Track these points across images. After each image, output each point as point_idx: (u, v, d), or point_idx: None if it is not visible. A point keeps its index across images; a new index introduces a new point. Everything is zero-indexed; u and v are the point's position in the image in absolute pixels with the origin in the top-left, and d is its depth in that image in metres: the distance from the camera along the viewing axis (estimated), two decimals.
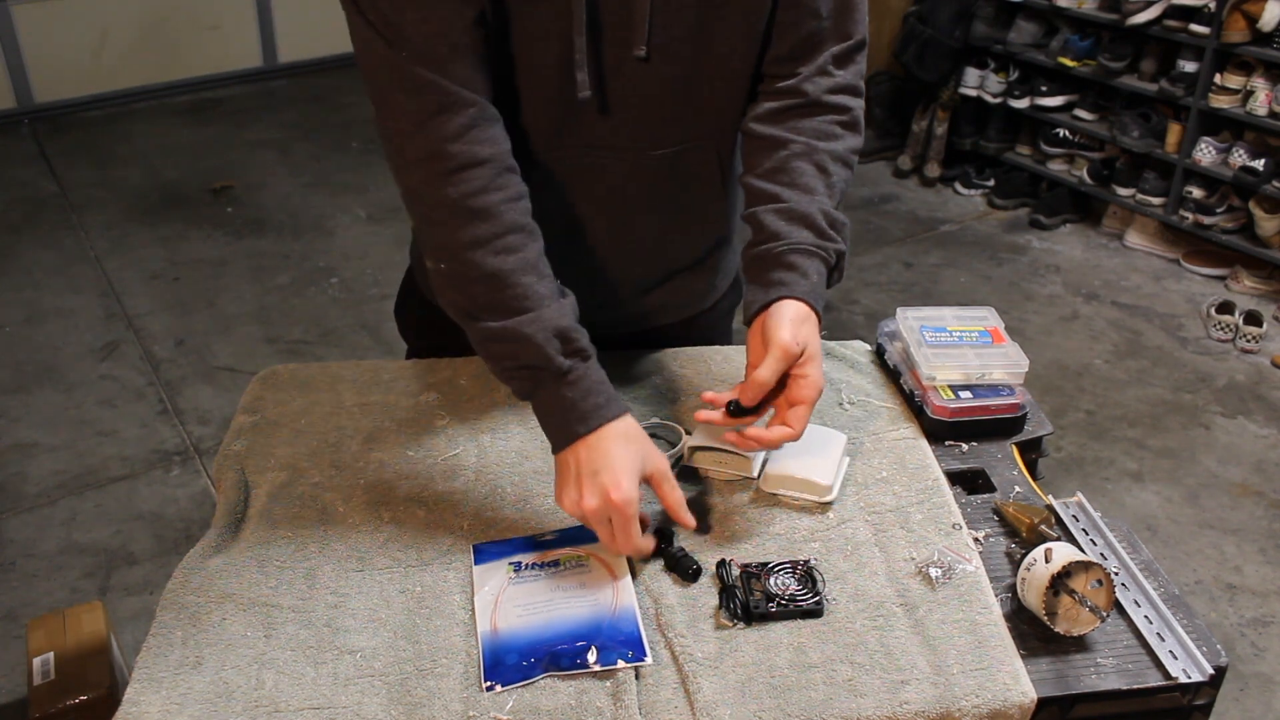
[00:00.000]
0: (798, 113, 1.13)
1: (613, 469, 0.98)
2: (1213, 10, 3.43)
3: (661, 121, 1.13)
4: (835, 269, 1.11)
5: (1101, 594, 0.93)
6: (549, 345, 1.00)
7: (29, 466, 2.75)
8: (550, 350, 1.00)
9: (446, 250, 1.03)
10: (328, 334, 3.35)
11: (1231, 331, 3.35)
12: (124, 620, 2.26)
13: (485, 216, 1.01)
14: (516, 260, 1.01)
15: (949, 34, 4.14)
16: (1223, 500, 2.69)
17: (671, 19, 1.05)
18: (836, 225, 1.11)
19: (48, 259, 3.77)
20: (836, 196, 1.13)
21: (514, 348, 1.01)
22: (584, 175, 1.15)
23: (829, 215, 1.10)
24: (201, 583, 0.99)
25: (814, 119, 1.13)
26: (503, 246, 1.01)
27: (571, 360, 1.01)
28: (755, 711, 0.87)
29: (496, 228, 1.01)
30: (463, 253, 1.01)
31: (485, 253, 1.01)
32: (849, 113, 1.15)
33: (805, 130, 1.13)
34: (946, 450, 1.18)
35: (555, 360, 1.00)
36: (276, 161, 4.54)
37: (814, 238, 1.08)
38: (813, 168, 1.11)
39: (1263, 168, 3.44)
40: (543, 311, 1.01)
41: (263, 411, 1.23)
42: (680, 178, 1.18)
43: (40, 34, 4.79)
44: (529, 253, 1.03)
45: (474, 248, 1.01)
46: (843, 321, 3.42)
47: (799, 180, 1.11)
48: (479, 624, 0.95)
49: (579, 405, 1.00)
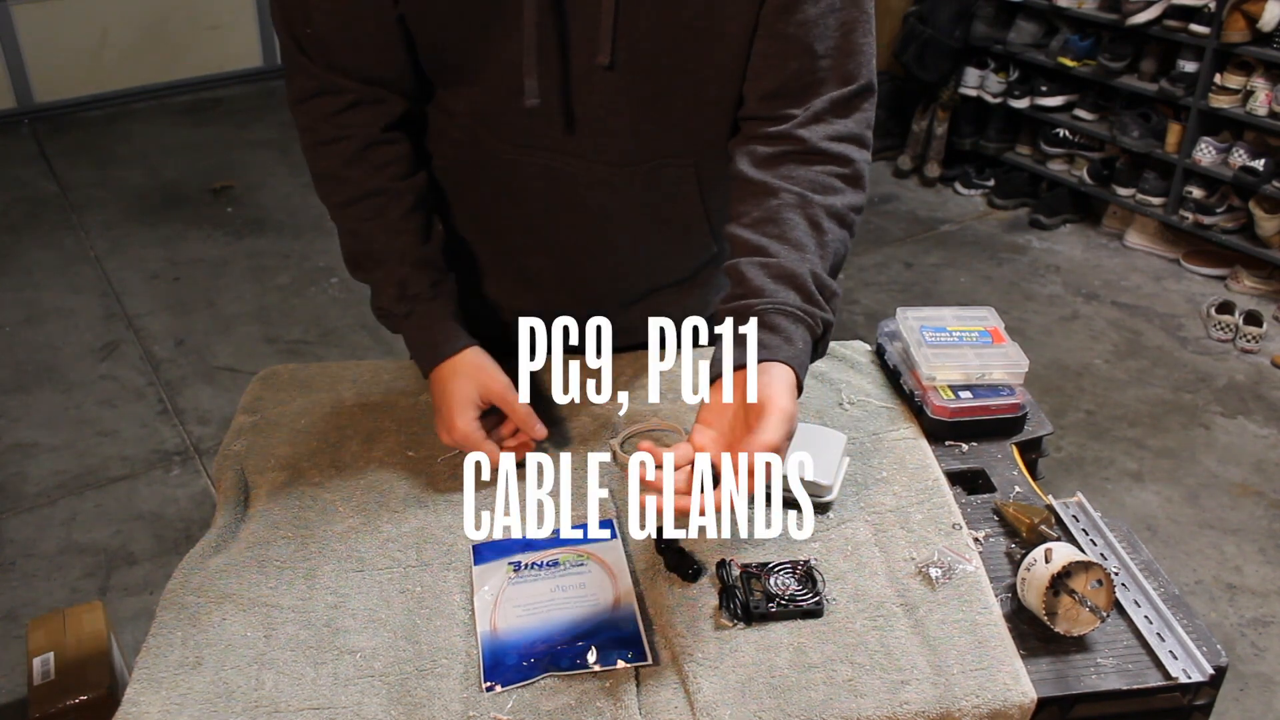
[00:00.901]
0: (792, 160, 1.05)
1: (447, 406, 1.11)
2: (1213, 10, 3.43)
3: (630, 135, 1.10)
4: (821, 341, 1.01)
5: (1101, 594, 0.93)
6: (386, 293, 1.15)
7: (29, 466, 2.75)
8: (388, 299, 1.15)
9: (328, 206, 1.18)
10: (328, 334, 3.35)
11: (1231, 331, 3.35)
12: (124, 620, 2.26)
13: (346, 183, 1.15)
14: (375, 222, 1.15)
15: (949, 34, 4.14)
16: (1223, 500, 2.69)
17: (637, 30, 1.03)
18: (826, 292, 1.00)
19: (48, 259, 3.77)
20: (830, 258, 1.02)
21: (375, 297, 1.18)
22: (554, 179, 1.15)
23: (819, 279, 1.00)
24: (201, 583, 0.99)
25: (810, 168, 1.04)
26: (363, 210, 1.15)
27: (409, 304, 1.15)
28: (755, 711, 0.87)
29: (355, 192, 1.15)
30: (334, 211, 1.18)
31: (348, 213, 1.16)
32: (851, 165, 1.06)
33: (800, 180, 1.04)
34: (946, 450, 1.18)
35: (395, 307, 1.15)
36: (276, 161, 4.54)
37: (801, 301, 0.98)
38: (805, 222, 1.02)
39: (1263, 168, 3.44)
40: (388, 264, 1.15)
41: (262, 411, 1.23)
42: (655, 194, 1.16)
43: (40, 34, 4.79)
44: (388, 214, 1.15)
45: (340, 209, 1.17)
46: (843, 321, 3.41)
47: (789, 234, 1.01)
48: (479, 624, 0.95)
49: (421, 347, 1.16)
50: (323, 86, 1.12)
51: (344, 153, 1.14)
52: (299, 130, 1.17)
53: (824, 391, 1.26)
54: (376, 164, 1.15)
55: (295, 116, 1.16)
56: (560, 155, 1.12)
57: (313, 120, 1.14)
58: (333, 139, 1.14)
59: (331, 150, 1.15)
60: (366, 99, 1.13)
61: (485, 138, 1.15)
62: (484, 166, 1.17)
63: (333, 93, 1.12)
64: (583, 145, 1.11)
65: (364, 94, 1.13)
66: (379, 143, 1.15)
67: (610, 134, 1.10)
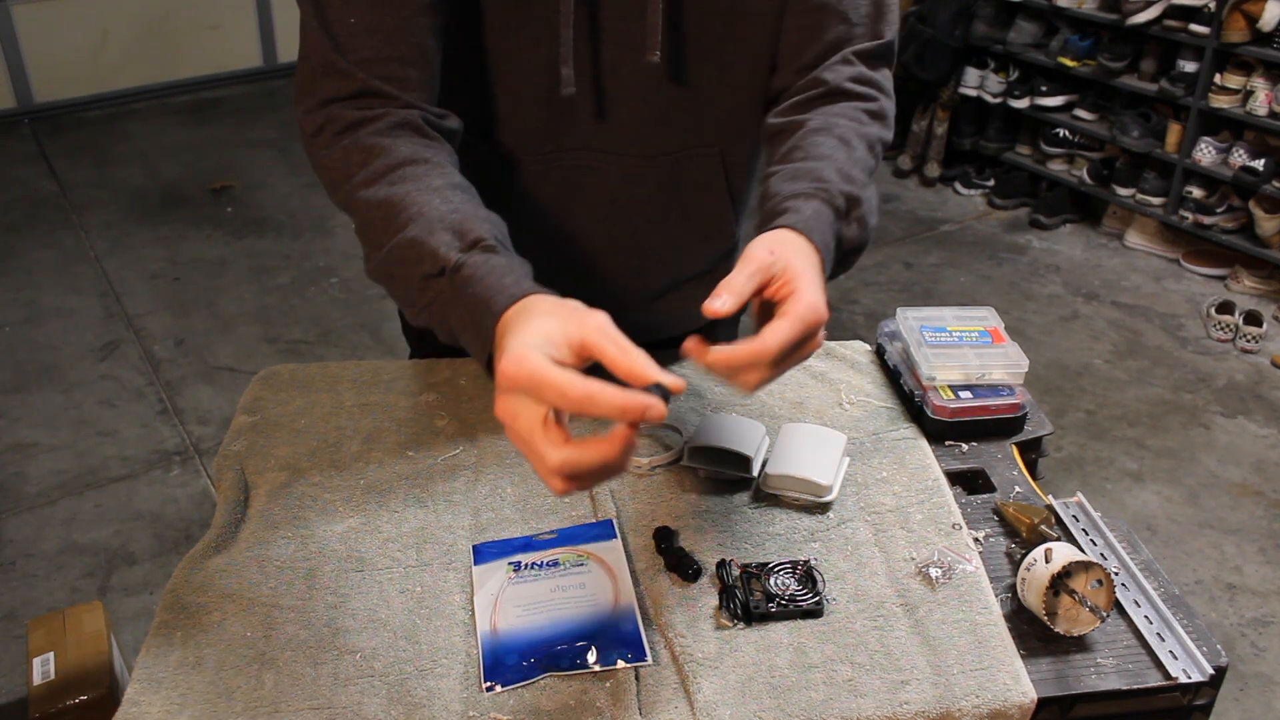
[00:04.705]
0: (818, 101, 1.04)
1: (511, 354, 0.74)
2: (1213, 10, 3.43)
3: (662, 126, 1.11)
4: (847, 215, 0.95)
5: (1101, 594, 0.93)
6: (438, 239, 0.85)
7: (29, 466, 2.75)
8: (438, 244, 0.85)
9: (344, 191, 0.95)
10: (328, 334, 3.35)
11: (1231, 331, 3.35)
12: (124, 620, 2.26)
13: (375, 153, 0.93)
14: (411, 185, 0.91)
15: (949, 34, 4.14)
16: (1223, 500, 2.69)
17: (686, 24, 1.03)
18: (850, 177, 0.96)
19: (48, 259, 3.77)
20: (860, 169, 0.98)
21: (402, 262, 0.87)
22: (581, 181, 1.14)
23: (842, 170, 0.96)
24: (201, 583, 0.99)
25: (836, 105, 1.03)
26: (396, 177, 0.92)
27: (467, 254, 0.85)
28: (755, 711, 0.87)
29: (390, 160, 0.93)
30: (355, 191, 0.93)
31: (378, 186, 0.92)
32: (876, 102, 1.05)
33: (826, 113, 1.03)
34: (946, 450, 1.18)
35: (448, 256, 0.85)
36: (276, 161, 4.54)
37: (815, 185, 0.94)
38: (833, 139, 0.99)
39: (1263, 168, 3.44)
40: (427, 218, 0.87)
41: (262, 412, 1.23)
42: (683, 184, 1.16)
43: (40, 34, 4.79)
44: (430, 178, 0.91)
45: (366, 183, 0.92)
46: (843, 321, 3.42)
47: (814, 151, 0.98)
48: (479, 624, 0.95)
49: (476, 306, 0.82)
50: (361, 89, 0.97)
51: (375, 128, 0.95)
52: (312, 131, 0.98)
53: (824, 391, 1.26)
54: (415, 140, 0.96)
55: (304, 122, 0.99)
56: (589, 153, 1.11)
57: (332, 115, 0.97)
58: (352, 125, 0.96)
59: (353, 135, 0.95)
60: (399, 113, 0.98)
61: (506, 152, 1.12)
62: (503, 187, 1.15)
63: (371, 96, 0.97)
64: (614, 140, 1.11)
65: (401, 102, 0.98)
66: (408, 126, 0.97)
67: (641, 125, 1.10)
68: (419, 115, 0.98)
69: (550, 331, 0.75)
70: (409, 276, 0.88)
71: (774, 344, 0.82)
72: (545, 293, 0.82)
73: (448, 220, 0.87)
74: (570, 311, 0.77)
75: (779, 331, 0.82)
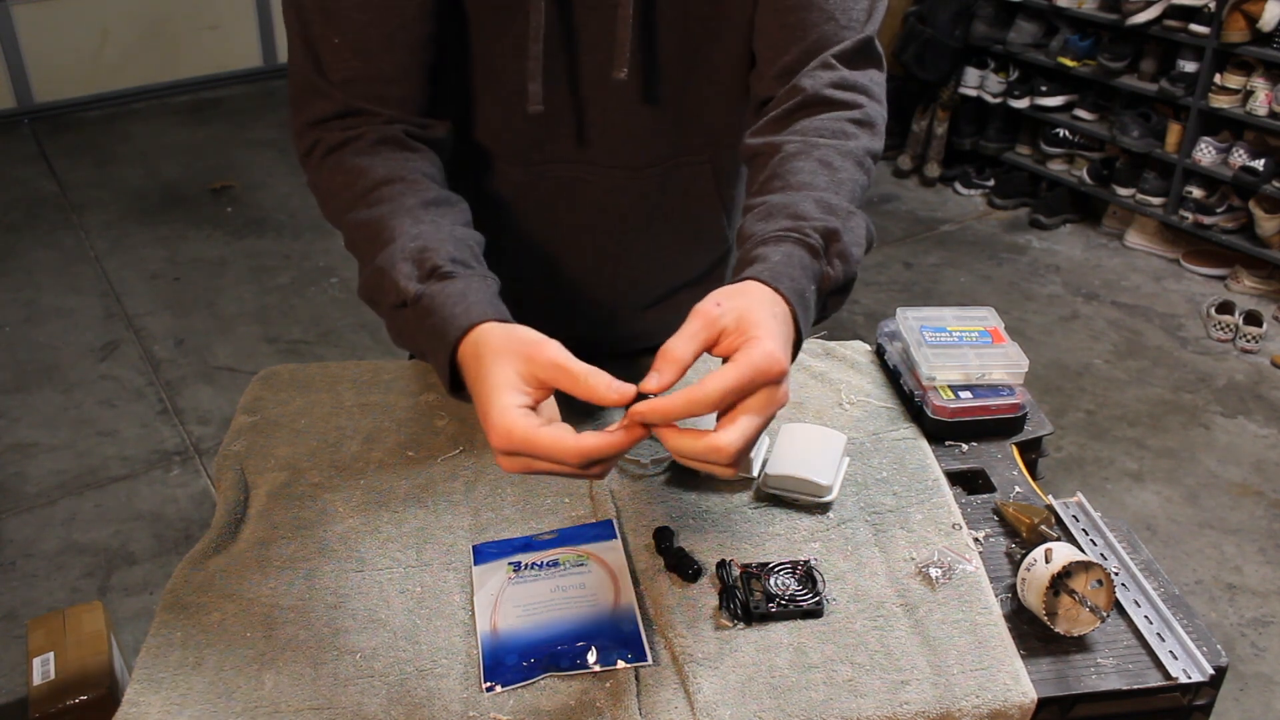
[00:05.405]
0: (798, 114, 0.98)
1: (483, 401, 0.79)
2: (1213, 10, 3.43)
3: (646, 139, 1.09)
4: (826, 253, 0.88)
5: (1101, 594, 0.93)
6: (399, 270, 0.88)
7: (29, 466, 2.75)
8: (399, 275, 0.88)
9: (335, 215, 0.99)
10: (328, 334, 3.35)
11: (1231, 331, 3.35)
12: (124, 620, 2.26)
13: (355, 173, 0.97)
14: (385, 207, 0.94)
15: (949, 34, 4.14)
16: (1223, 500, 2.69)
17: (659, 38, 1.02)
18: (831, 208, 0.89)
19: (48, 259, 3.77)
20: (845, 194, 0.92)
21: (377, 289, 0.91)
22: (566, 193, 1.13)
23: (822, 202, 0.89)
24: (201, 583, 0.99)
25: (817, 117, 0.97)
26: (374, 199, 0.95)
27: (424, 284, 0.87)
28: (755, 711, 0.87)
29: (367, 181, 0.96)
30: (340, 218, 0.98)
31: (357, 209, 0.96)
32: (860, 109, 0.98)
33: (807, 129, 0.96)
34: (946, 450, 1.18)
35: (407, 289, 0.87)
36: (276, 161, 4.54)
37: (789, 223, 0.87)
38: (813, 164, 0.92)
39: (1263, 168, 3.44)
40: (401, 240, 0.90)
41: (262, 412, 1.23)
42: (672, 194, 1.15)
43: (40, 34, 4.79)
44: (404, 198, 0.94)
45: (349, 209, 0.96)
46: (843, 321, 3.42)
47: (792, 180, 0.91)
48: (479, 624, 0.95)
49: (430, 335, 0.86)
50: (343, 110, 1.00)
51: (356, 148, 0.99)
52: (304, 151, 1.02)
53: (824, 391, 1.26)
54: (395, 156, 0.99)
55: (300, 141, 1.02)
56: (576, 165, 1.10)
57: (319, 136, 1.01)
58: (336, 146, 1.00)
59: (343, 150, 0.99)
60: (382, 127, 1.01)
61: (495, 161, 1.11)
62: (493, 195, 1.14)
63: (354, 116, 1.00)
64: (598, 152, 1.10)
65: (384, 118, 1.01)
66: (399, 141, 1.01)
67: (624, 138, 1.09)
68: (401, 129, 1.01)
69: (511, 379, 0.79)
70: (382, 304, 0.92)
71: (713, 390, 0.75)
72: (493, 318, 0.85)
73: (408, 250, 0.89)
74: (521, 347, 0.80)
75: (721, 377, 0.75)
